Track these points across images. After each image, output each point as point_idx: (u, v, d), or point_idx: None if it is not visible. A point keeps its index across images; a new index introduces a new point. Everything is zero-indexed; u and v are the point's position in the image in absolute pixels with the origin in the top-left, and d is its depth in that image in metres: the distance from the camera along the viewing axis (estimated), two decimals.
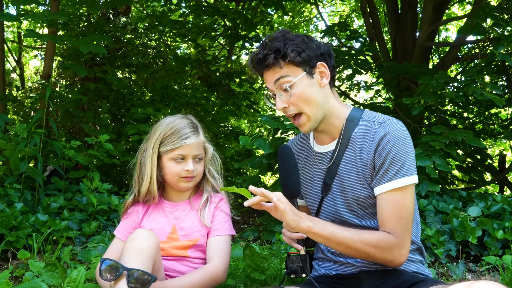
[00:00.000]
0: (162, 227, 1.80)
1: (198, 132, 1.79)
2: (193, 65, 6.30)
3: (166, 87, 5.66)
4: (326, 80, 1.55)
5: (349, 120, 1.60)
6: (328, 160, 1.63)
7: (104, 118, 5.28)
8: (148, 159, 1.75)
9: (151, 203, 1.82)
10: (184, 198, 1.85)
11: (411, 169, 1.48)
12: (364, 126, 1.57)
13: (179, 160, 1.74)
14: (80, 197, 3.41)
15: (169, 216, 1.82)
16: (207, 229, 1.79)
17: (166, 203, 1.85)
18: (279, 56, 1.50)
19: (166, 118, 1.81)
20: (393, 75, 4.46)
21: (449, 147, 3.26)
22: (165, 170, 1.76)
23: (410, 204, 1.48)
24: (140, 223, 1.82)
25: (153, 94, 5.59)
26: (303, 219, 1.40)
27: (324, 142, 1.66)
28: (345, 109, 1.62)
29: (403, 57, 5.35)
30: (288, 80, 1.52)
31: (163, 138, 1.74)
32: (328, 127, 1.61)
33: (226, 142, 7.28)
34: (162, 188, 1.87)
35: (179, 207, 1.83)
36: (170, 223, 1.80)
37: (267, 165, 3.35)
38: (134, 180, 1.81)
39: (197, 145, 1.77)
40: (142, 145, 1.81)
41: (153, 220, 1.81)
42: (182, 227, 1.79)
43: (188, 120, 1.80)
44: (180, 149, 1.74)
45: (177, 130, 1.74)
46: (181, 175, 1.75)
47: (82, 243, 2.97)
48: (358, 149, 1.56)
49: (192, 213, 1.82)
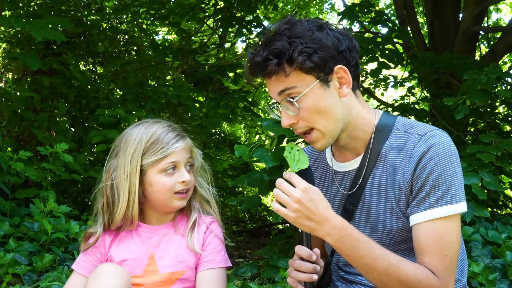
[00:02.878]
0: (136, 257, 1.81)
1: (183, 135, 1.86)
2: (175, 56, 6.30)
3: (141, 83, 5.65)
4: (347, 89, 1.56)
5: (379, 131, 1.61)
6: (351, 181, 1.65)
7: (61, 122, 5.24)
8: (124, 179, 1.77)
9: (125, 229, 1.85)
10: (166, 219, 1.88)
11: (458, 195, 1.49)
12: (399, 138, 1.59)
13: (170, 171, 1.78)
14: (31, 223, 3.39)
15: (146, 243, 1.83)
16: (196, 259, 1.82)
17: (142, 226, 1.86)
18: (283, 61, 1.50)
19: (134, 127, 1.86)
20: (430, 69, 4.48)
21: (501, 160, 3.28)
22: (153, 187, 1.79)
23: (456, 239, 1.49)
24: (107, 253, 1.84)
25: (124, 92, 5.56)
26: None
27: (345, 158, 1.68)
28: (372, 117, 1.64)
29: (442, 46, 5.38)
30: (296, 91, 1.53)
31: (145, 148, 1.78)
32: (351, 141, 1.63)
33: (217, 153, 7.28)
34: None
35: (159, 231, 1.85)
36: (147, 252, 1.82)
37: (269, 183, 3.36)
38: (101, 207, 1.83)
39: (188, 148, 1.83)
40: (109, 163, 1.84)
41: (124, 249, 1.83)
42: (163, 256, 1.80)
43: (164, 123, 1.86)
44: (171, 156, 1.78)
45: (161, 135, 1.79)
46: (175, 190, 1.79)
47: (32, 282, 2.94)
48: (391, 168, 1.57)
49: (176, 238, 1.84)
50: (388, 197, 1.56)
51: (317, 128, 1.55)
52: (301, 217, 1.42)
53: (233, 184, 3.63)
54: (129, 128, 1.87)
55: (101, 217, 1.82)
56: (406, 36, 5.19)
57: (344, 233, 1.44)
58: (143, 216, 1.88)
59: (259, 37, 1.67)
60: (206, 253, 1.82)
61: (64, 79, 5.60)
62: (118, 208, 1.78)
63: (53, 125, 5.08)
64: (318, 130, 1.55)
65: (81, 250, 1.87)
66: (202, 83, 6.16)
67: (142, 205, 1.85)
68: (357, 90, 1.62)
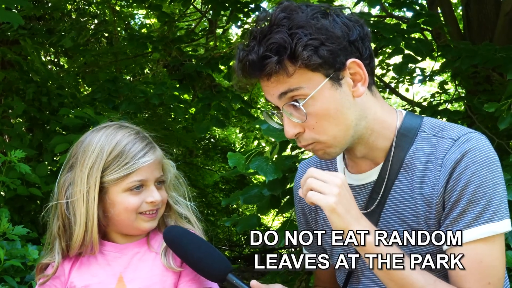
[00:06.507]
0: (101, 280, 1.83)
1: (153, 145, 1.88)
2: (155, 46, 6.21)
3: (114, 79, 5.63)
4: (363, 87, 1.57)
5: (401, 135, 1.62)
6: (367, 196, 1.66)
7: (17, 124, 5.17)
8: (81, 198, 1.79)
9: (86, 254, 1.87)
10: (137, 237, 1.91)
11: (501, 211, 1.50)
12: (427, 144, 1.60)
13: (136, 190, 1.80)
14: None
15: (112, 263, 1.86)
16: (175, 279, 1.84)
17: (107, 245, 1.89)
18: (284, 57, 1.50)
19: (94, 133, 1.87)
20: (466, 66, 4.42)
21: None
22: (116, 208, 1.82)
23: (500, 263, 1.50)
24: (67, 281, 1.87)
25: (94, 90, 5.53)
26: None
27: (361, 169, 1.70)
28: (394, 119, 1.66)
29: (480, 33, 5.38)
30: (302, 93, 1.53)
31: (107, 163, 1.80)
32: (368, 149, 1.65)
33: (206, 163, 7.26)
34: None
35: (128, 250, 1.88)
36: (114, 274, 1.84)
37: (270, 199, 3.33)
38: (57, 230, 1.85)
39: (157, 163, 1.85)
40: (63, 178, 1.87)
41: (86, 273, 1.85)
42: (134, 279, 1.83)
43: (131, 130, 1.88)
44: (138, 173, 1.80)
45: (127, 147, 1.81)
46: (141, 210, 1.82)
47: None
48: (417, 180, 1.59)
49: (150, 256, 1.87)
50: (415, 215, 1.57)
51: (323, 141, 1.57)
52: (342, 203, 1.44)
53: (226, 203, 3.60)
54: (88, 133, 1.89)
55: (58, 242, 1.85)
56: (436, 21, 5.09)
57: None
58: (108, 235, 1.91)
59: (250, 28, 1.68)
60: (187, 271, 1.83)
61: (21, 73, 5.52)
62: (76, 232, 1.79)
63: (7, 128, 4.99)
64: (326, 143, 1.58)
65: (38, 283, 1.89)
66: (188, 79, 6.14)
67: (104, 227, 1.88)
68: (373, 87, 1.64)
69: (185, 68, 5.97)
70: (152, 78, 6.93)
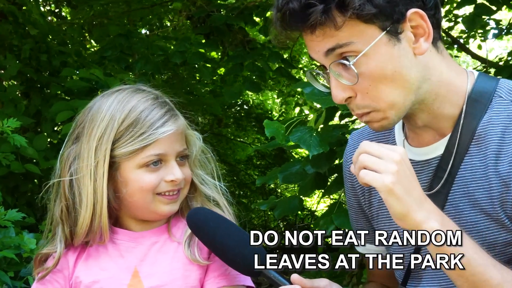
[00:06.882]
0: (112, 275, 1.82)
1: (175, 112, 1.86)
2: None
3: (127, 33, 5.56)
4: (426, 42, 1.57)
5: (473, 100, 1.63)
6: (432, 174, 1.67)
7: (10, 87, 5.12)
8: (88, 174, 1.78)
9: (94, 244, 1.86)
10: (156, 223, 1.90)
11: None
12: (504, 111, 1.60)
13: (153, 166, 1.78)
14: None
15: (126, 255, 1.85)
16: (201, 274, 1.83)
17: (120, 233, 1.88)
18: (331, 6, 1.50)
19: (104, 98, 1.86)
20: None
21: None
22: (129, 188, 1.80)
23: None
24: (72, 275, 1.85)
25: (103, 46, 5.50)
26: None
27: (423, 141, 1.70)
28: (464, 81, 1.66)
29: None
30: (353, 50, 1.53)
31: (119, 133, 1.78)
32: (432, 118, 1.65)
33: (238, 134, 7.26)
34: None
35: (144, 239, 1.88)
36: (128, 268, 1.83)
37: (315, 178, 3.37)
38: (59, 213, 1.83)
39: (179, 134, 1.84)
40: (67, 151, 1.86)
41: (95, 267, 1.84)
42: (151, 273, 1.82)
43: (148, 94, 1.86)
44: (156, 146, 1.78)
45: (143, 114, 1.79)
46: (160, 190, 1.80)
47: None
48: (492, 155, 1.58)
49: (171, 247, 1.87)
50: (489, 197, 1.58)
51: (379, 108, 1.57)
52: (400, 183, 1.42)
53: (261, 182, 3.65)
54: (97, 98, 1.88)
55: (60, 228, 1.84)
56: None
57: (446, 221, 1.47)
58: (121, 221, 1.92)
59: None
60: (216, 265, 1.83)
61: (15, 25, 5.41)
62: (81, 216, 1.78)
63: None
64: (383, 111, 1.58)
65: (36, 278, 1.88)
66: (217, 33, 6.05)
67: (116, 211, 1.88)
68: (438, 43, 1.64)
69: (212, 20, 5.92)
70: (173, 33, 6.90)
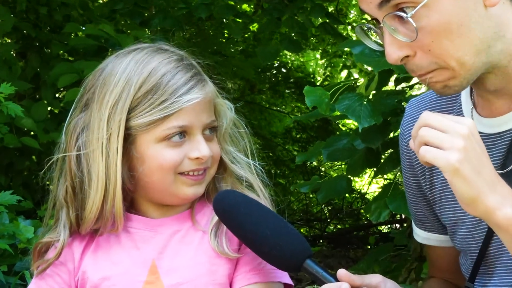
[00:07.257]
0: (126, 271, 1.74)
1: (203, 77, 1.78)
2: None
3: None
4: None
5: None
6: (505, 151, 1.61)
7: (4, 46, 5.14)
8: (100, 149, 1.70)
9: (105, 232, 1.79)
10: (177, 209, 1.83)
11: None
12: None
13: (175, 140, 1.70)
14: None
15: (142, 246, 1.77)
16: (230, 269, 1.75)
17: (135, 220, 1.82)
18: None
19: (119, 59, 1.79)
20: None
21: None
22: (146, 164, 1.72)
23: None
24: (78, 270, 1.78)
25: None
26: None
27: (495, 111, 1.63)
28: None
29: None
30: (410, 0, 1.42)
31: (136, 100, 1.70)
32: (506, 82, 1.56)
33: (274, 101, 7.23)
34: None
35: (164, 228, 1.81)
36: (145, 262, 1.75)
37: (366, 155, 3.31)
38: (64, 195, 1.78)
39: (207, 103, 1.76)
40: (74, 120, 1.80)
41: (105, 260, 1.77)
42: (171, 268, 1.73)
43: (171, 55, 1.79)
44: (179, 116, 1.70)
45: (165, 78, 1.71)
46: (183, 169, 1.72)
47: None
48: None
49: (195, 236, 1.79)
50: None
51: (447, 66, 1.46)
52: (468, 161, 1.31)
53: (302, 160, 3.66)
54: (111, 59, 1.80)
55: (64, 212, 1.76)
56: None
57: None
58: (138, 205, 1.84)
59: None
60: (247, 258, 1.74)
61: None
62: (90, 198, 1.69)
63: None
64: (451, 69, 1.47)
65: (35, 272, 1.81)
66: None
67: (131, 193, 1.79)
68: None
69: None
70: None
